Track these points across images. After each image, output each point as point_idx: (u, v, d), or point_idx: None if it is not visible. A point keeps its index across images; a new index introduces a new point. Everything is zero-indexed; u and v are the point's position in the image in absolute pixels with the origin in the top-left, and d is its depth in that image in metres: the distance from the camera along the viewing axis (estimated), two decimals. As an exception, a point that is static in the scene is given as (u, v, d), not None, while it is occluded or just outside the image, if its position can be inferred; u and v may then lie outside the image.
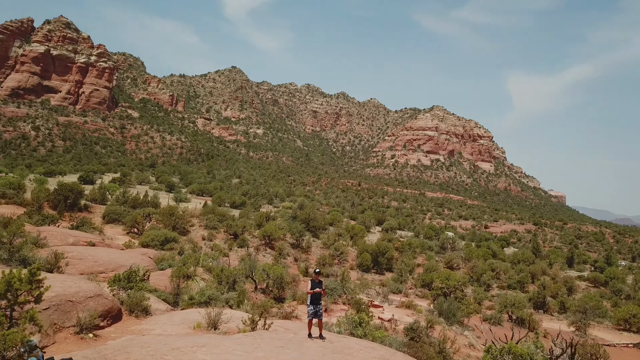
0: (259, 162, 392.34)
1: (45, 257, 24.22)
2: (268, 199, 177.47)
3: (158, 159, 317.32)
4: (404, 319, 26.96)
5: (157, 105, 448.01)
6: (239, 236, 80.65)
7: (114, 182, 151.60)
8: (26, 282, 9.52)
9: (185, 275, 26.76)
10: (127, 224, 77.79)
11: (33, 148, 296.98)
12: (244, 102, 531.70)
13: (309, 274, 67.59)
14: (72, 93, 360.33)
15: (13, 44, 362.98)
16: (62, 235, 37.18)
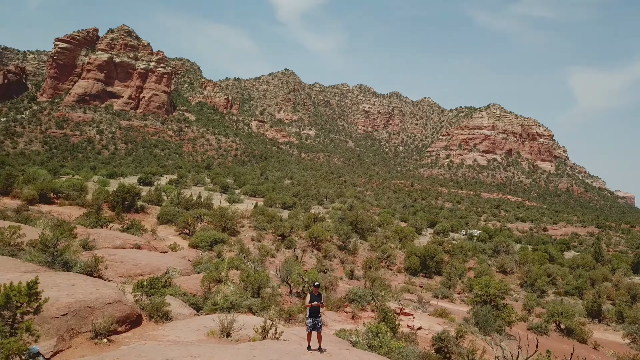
0: (311, 163, 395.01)
1: (85, 261, 25.50)
2: (318, 200, 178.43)
3: (214, 161, 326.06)
4: (434, 327, 26.24)
5: (212, 109, 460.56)
6: (286, 237, 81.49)
7: (171, 184, 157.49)
8: (25, 294, 10.13)
9: (216, 279, 27.36)
10: (179, 225, 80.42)
11: (98, 151, 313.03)
12: (297, 104, 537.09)
13: (354, 276, 67.34)
14: (133, 98, 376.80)
15: (80, 53, 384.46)
16: (110, 237, 38.99)
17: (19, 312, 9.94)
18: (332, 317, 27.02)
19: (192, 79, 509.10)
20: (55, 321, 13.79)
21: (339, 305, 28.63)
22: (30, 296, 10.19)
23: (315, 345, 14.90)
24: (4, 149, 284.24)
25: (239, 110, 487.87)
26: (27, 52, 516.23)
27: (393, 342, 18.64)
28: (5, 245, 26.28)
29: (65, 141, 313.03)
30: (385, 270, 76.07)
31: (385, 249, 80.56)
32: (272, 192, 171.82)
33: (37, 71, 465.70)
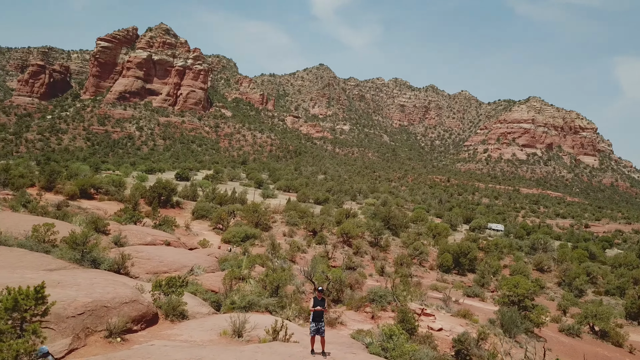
0: (345, 158, 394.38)
1: (113, 258, 26.37)
2: (351, 195, 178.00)
3: (249, 156, 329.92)
4: (456, 329, 25.74)
5: (248, 105, 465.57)
6: (317, 233, 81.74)
7: (207, 179, 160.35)
8: (32, 298, 10.62)
9: (239, 277, 27.74)
10: (213, 220, 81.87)
11: (137, 147, 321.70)
12: (331, 99, 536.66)
13: (385, 273, 66.96)
14: (171, 95, 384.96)
15: (120, 51, 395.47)
16: (142, 234, 40.08)
17: (27, 314, 10.44)
18: (352, 317, 26.99)
19: (228, 76, 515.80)
20: (72, 320, 14.36)
21: (359, 304, 28.55)
22: (37, 300, 10.69)
23: (318, 349, 15.01)
24: (49, 146, 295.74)
25: (274, 106, 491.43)
26: (71, 52, 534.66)
27: (407, 344, 18.46)
28: (40, 242, 27.51)
29: (106, 137, 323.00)
30: (417, 267, 75.33)
31: (418, 246, 79.70)
32: (305, 187, 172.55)
33: (80, 70, 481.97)
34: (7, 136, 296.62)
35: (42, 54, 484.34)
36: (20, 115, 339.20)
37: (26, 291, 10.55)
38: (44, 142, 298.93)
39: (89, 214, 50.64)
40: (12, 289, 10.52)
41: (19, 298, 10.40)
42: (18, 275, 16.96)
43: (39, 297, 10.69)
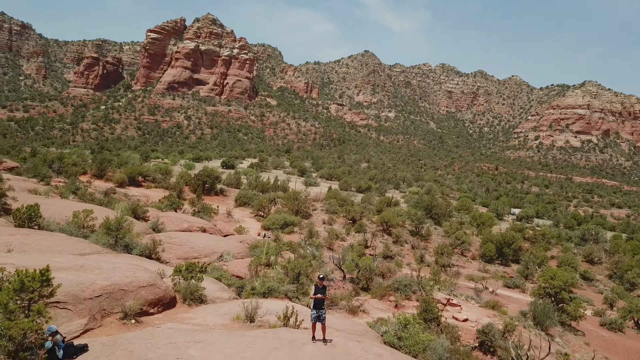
0: (389, 146, 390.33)
1: (145, 244, 27.39)
2: (395, 183, 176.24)
3: (293, 145, 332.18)
4: (483, 320, 25.06)
5: (293, 93, 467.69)
6: (357, 221, 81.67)
7: (252, 167, 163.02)
8: (38, 280, 11.20)
9: (265, 263, 28.17)
10: (255, 208, 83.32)
11: (186, 136, 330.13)
12: (376, 86, 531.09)
13: (424, 261, 66.25)
14: (218, 84, 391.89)
15: (169, 42, 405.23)
16: (179, 220, 41.33)
17: (33, 295, 11.07)
18: (375, 305, 26.86)
19: (273, 65, 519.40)
20: (89, 302, 15.07)
21: (384, 293, 28.36)
22: (42, 282, 11.29)
23: (319, 335, 15.13)
24: (103, 135, 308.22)
25: (318, 94, 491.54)
26: (123, 44, 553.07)
27: (423, 334, 18.23)
28: (79, 228, 28.90)
29: (156, 127, 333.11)
30: (459, 257, 74.11)
31: (459, 235, 78.24)
32: (347, 175, 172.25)
33: (132, 61, 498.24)
34: (64, 126, 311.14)
35: (96, 47, 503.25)
36: (76, 106, 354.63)
37: (32, 274, 11.17)
38: (98, 132, 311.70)
39: (131, 201, 52.56)
40: (20, 271, 11.18)
41: (25, 280, 11.04)
42: (46, 258, 17.96)
43: (44, 279, 11.29)
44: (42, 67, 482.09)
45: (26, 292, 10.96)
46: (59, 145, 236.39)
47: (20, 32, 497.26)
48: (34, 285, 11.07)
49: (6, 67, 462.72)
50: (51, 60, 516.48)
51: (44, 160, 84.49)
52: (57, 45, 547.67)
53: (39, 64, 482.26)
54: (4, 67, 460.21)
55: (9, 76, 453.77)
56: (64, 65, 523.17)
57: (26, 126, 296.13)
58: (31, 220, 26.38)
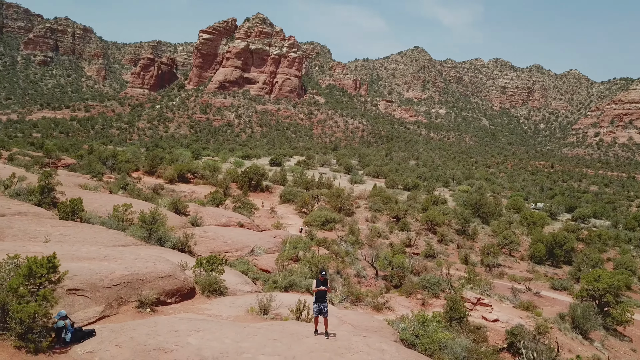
0: (440, 143, 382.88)
1: (177, 237, 28.19)
2: (444, 181, 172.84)
3: (341, 142, 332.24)
4: (514, 320, 24.01)
5: (341, 90, 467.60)
6: (401, 219, 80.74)
7: (298, 165, 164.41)
8: (45, 266, 11.69)
9: (293, 258, 28.32)
10: (298, 204, 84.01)
11: (236, 134, 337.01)
12: (426, 82, 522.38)
13: (468, 261, 64.67)
14: (267, 83, 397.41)
15: (220, 42, 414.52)
16: (217, 215, 42.29)
17: (40, 281, 11.60)
18: (402, 303, 26.38)
19: (322, 62, 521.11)
20: (106, 290, 15.65)
21: (411, 291, 27.80)
22: (49, 269, 11.80)
23: (322, 329, 15.10)
24: (158, 133, 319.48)
25: (367, 91, 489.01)
26: (177, 45, 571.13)
27: (441, 332, 17.71)
28: (119, 221, 30.12)
29: (208, 125, 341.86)
30: (506, 257, 71.93)
31: (507, 235, 75.82)
32: (394, 173, 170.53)
33: (185, 61, 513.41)
34: (122, 125, 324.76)
35: (152, 48, 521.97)
36: (133, 106, 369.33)
37: (40, 260, 11.71)
38: (153, 130, 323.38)
39: (173, 196, 54.19)
40: (30, 258, 11.76)
41: (33, 266, 11.60)
42: (75, 249, 18.84)
43: (50, 266, 11.81)
44: (102, 69, 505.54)
45: (35, 278, 11.55)
46: (116, 143, 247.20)
47: (83, 36, 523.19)
48: (41, 271, 11.64)
49: (70, 69, 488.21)
50: (110, 62, 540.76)
51: (99, 157, 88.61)
52: (115, 47, 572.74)
53: (99, 66, 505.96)
54: (68, 69, 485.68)
55: (72, 78, 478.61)
56: (122, 66, 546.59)
57: (87, 125, 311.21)
58: (74, 213, 27.75)
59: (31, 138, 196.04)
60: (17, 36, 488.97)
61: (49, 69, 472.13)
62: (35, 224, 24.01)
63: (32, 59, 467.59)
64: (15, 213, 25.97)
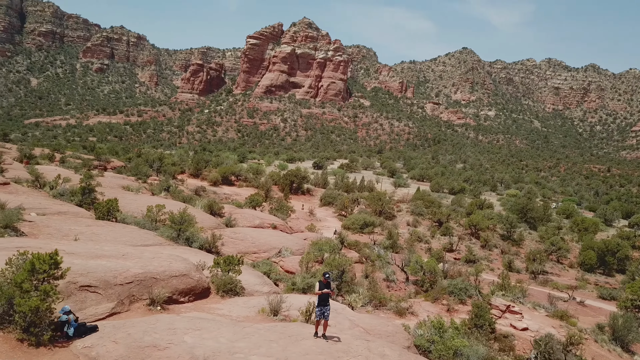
0: (488, 146, 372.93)
1: (205, 238, 28.59)
2: (491, 185, 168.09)
3: (386, 145, 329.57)
4: (545, 330, 22.71)
5: (387, 93, 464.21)
6: (443, 224, 79.13)
7: (341, 168, 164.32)
8: (47, 262, 12.00)
9: (318, 260, 28.09)
10: (337, 207, 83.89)
11: (282, 137, 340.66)
12: (475, 84, 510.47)
13: (513, 268, 62.58)
14: (313, 87, 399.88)
15: (267, 47, 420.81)
16: (251, 217, 42.70)
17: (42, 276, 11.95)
18: (427, 308, 25.60)
19: (367, 65, 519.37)
20: (119, 287, 15.99)
21: (437, 296, 26.93)
22: (51, 265, 12.13)
23: (322, 332, 14.88)
24: (206, 137, 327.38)
25: (413, 94, 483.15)
26: (226, 50, 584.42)
27: (457, 339, 16.96)
28: (153, 221, 30.92)
29: (254, 129, 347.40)
30: (554, 265, 69.08)
31: (555, 241, 72.76)
32: (440, 176, 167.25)
33: (233, 67, 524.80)
34: (172, 129, 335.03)
35: (202, 54, 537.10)
36: (183, 110, 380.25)
37: (43, 256, 12.07)
38: (201, 134, 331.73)
39: (210, 198, 55.20)
40: (34, 254, 12.17)
41: (35, 262, 11.97)
42: (98, 247, 19.44)
43: (52, 262, 12.15)
44: (154, 75, 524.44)
45: (38, 274, 11.95)
46: (166, 146, 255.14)
47: (136, 44, 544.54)
48: (44, 267, 12.02)
49: (124, 75, 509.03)
50: (162, 68, 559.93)
51: (146, 160, 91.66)
52: (167, 54, 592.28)
53: (152, 72, 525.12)
54: (122, 76, 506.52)
55: (126, 84, 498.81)
56: (173, 72, 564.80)
57: (139, 129, 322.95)
58: (109, 214, 28.73)
59: (86, 142, 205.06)
60: (76, 45, 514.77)
61: (105, 76, 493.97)
62: (71, 223, 25.03)
63: (89, 66, 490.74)
64: (55, 212, 27.20)
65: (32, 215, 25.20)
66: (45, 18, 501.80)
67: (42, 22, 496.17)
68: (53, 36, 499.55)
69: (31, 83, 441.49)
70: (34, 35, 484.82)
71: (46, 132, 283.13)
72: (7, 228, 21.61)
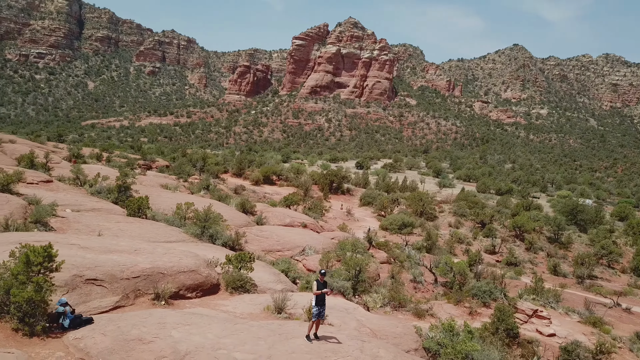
0: (540, 145, 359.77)
1: (228, 235, 28.78)
2: (541, 186, 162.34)
3: (432, 145, 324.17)
4: (575, 336, 21.27)
5: (434, 92, 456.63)
6: (486, 225, 76.98)
7: (385, 168, 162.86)
8: (40, 255, 12.28)
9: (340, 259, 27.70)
10: (376, 207, 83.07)
11: (326, 138, 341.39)
12: (526, 81, 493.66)
13: (559, 272, 60.08)
14: (358, 87, 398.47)
15: (312, 48, 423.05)
16: (282, 216, 42.79)
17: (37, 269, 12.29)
18: (448, 310, 24.60)
19: (414, 64, 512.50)
20: (125, 282, 16.24)
21: (460, 298, 25.84)
22: (44, 257, 12.42)
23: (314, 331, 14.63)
24: (252, 137, 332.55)
25: (461, 92, 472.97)
26: (272, 52, 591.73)
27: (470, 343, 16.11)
28: (181, 219, 31.56)
29: (299, 129, 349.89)
30: (604, 269, 65.75)
31: (606, 244, 69.24)
32: (487, 177, 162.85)
33: (279, 68, 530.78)
34: (219, 130, 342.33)
35: (249, 56, 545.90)
36: (230, 111, 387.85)
37: (38, 249, 12.40)
38: (248, 135, 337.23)
39: (253, 197, 55.85)
40: (29, 247, 12.53)
41: (30, 255, 12.31)
42: (114, 242, 19.91)
43: (45, 255, 12.46)
44: (203, 77, 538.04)
45: (32, 266, 12.31)
46: (213, 147, 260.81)
47: (186, 47, 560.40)
48: (38, 259, 12.38)
49: (175, 78, 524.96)
50: (210, 70, 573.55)
51: (190, 160, 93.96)
52: (215, 56, 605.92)
53: (201, 74, 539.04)
54: (173, 78, 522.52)
55: (176, 86, 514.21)
56: (221, 74, 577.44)
57: (188, 130, 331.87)
58: (140, 211, 29.52)
59: (137, 142, 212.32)
60: (130, 49, 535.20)
61: (156, 79, 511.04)
62: (101, 219, 25.87)
63: (142, 69, 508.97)
64: (90, 209, 28.22)
65: (67, 212, 26.24)
66: (102, 24, 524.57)
67: (98, 27, 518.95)
68: (109, 41, 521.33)
69: (88, 86, 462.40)
70: (91, 40, 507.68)
71: (101, 133, 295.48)
72: (37, 223, 22.65)
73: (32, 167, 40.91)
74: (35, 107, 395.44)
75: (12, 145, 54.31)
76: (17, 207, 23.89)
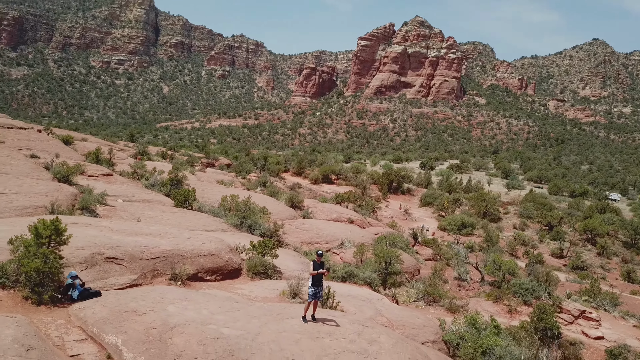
0: (622, 146, 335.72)
1: (267, 226, 28.96)
2: (621, 188, 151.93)
3: (502, 145, 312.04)
4: (626, 341, 19.20)
5: (505, 90, 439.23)
6: (554, 227, 72.95)
7: (451, 169, 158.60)
8: (49, 228, 12.72)
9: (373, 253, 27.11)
10: (437, 207, 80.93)
11: (390, 138, 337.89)
12: (607, 78, 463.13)
13: (634, 279, 55.71)
14: (424, 86, 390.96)
15: (378, 48, 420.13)
16: (329, 211, 42.76)
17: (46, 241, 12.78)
18: (486, 307, 23.11)
19: (484, 62, 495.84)
20: (144, 262, 16.60)
21: (499, 295, 24.18)
22: (52, 231, 12.88)
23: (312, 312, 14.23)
24: (317, 139, 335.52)
25: (534, 90, 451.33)
26: (338, 53, 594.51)
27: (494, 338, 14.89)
28: (225, 210, 32.22)
29: (363, 130, 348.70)
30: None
31: (691, 251, 63.43)
32: (560, 178, 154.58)
33: (344, 69, 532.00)
34: (285, 131, 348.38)
35: (315, 58, 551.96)
36: (296, 113, 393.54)
37: (47, 223, 12.91)
38: (312, 136, 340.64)
39: (309, 194, 56.22)
40: (39, 220, 13.08)
41: (39, 228, 12.83)
42: (144, 227, 20.58)
43: (53, 228, 12.94)
44: (271, 80, 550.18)
45: (42, 238, 12.87)
46: (279, 148, 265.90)
47: (255, 50, 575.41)
48: (46, 232, 12.93)
49: (243, 81, 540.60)
50: (278, 73, 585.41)
51: (251, 159, 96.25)
52: (282, 59, 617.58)
53: (268, 77, 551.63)
54: (242, 81, 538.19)
55: (245, 89, 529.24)
56: (288, 76, 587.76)
57: (255, 132, 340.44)
58: (186, 202, 30.50)
59: (205, 143, 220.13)
60: (201, 54, 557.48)
61: (226, 82, 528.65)
62: (147, 209, 26.95)
63: (213, 73, 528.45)
64: (140, 200, 29.50)
65: (119, 202, 27.59)
66: (176, 30, 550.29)
67: (173, 34, 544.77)
68: (182, 47, 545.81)
69: (163, 90, 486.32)
70: (166, 46, 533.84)
71: (174, 134, 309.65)
72: (83, 210, 23.95)
73: (97, 162, 43.49)
74: (115, 110, 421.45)
75: (83, 143, 58.05)
76: (67, 195, 25.46)
